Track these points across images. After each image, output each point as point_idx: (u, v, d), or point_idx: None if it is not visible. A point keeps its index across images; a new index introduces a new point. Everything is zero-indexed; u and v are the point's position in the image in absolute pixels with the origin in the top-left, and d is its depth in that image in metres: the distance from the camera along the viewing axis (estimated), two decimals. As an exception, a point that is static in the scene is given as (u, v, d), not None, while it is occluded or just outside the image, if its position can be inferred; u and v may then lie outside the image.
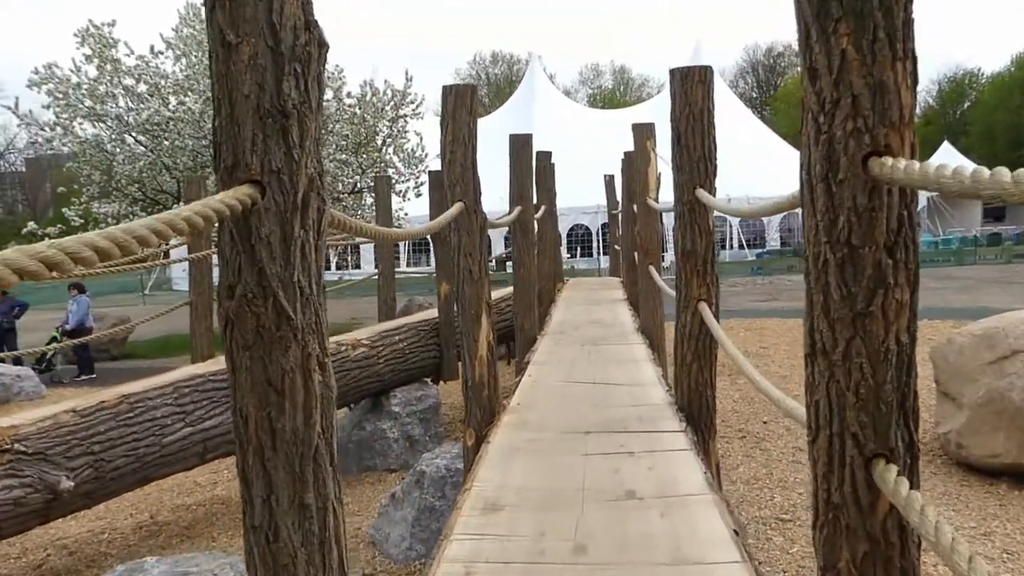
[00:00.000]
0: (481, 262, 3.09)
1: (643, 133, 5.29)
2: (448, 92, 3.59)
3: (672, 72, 3.20)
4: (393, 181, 16.62)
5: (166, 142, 13.70)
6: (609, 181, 11.65)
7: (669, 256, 12.59)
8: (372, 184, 15.83)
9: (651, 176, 4.94)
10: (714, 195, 3.02)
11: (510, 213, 4.97)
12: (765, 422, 6.98)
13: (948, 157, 36.79)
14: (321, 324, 1.31)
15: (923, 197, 32.21)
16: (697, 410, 3.17)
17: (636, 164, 5.01)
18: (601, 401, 3.46)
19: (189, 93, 13.85)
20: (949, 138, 44.02)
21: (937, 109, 63.16)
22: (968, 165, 1.01)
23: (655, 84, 66.76)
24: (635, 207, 7.08)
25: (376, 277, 8.12)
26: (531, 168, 4.97)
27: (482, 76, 75.40)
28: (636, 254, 7.21)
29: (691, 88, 3.04)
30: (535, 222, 6.40)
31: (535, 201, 7.54)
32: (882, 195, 1.24)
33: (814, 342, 1.37)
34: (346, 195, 15.32)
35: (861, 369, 1.30)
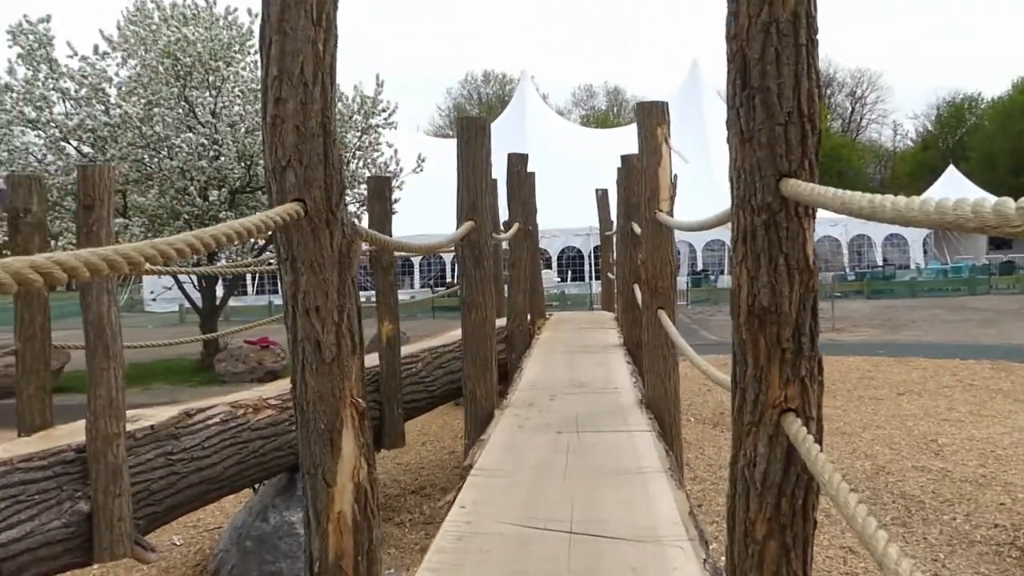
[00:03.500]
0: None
1: (653, 117, 3.44)
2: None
3: None
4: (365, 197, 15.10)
5: (112, 150, 12.13)
6: (602, 196, 9.99)
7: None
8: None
9: (663, 179, 3.36)
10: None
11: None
12: None
13: (953, 182, 35.55)
14: None
15: (930, 222, 30.82)
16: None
17: (641, 164, 3.42)
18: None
19: (131, 97, 12.30)
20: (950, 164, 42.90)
21: (936, 134, 62.27)
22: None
23: (649, 106, 65.55)
24: (635, 226, 5.51)
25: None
26: (485, 170, 3.41)
27: (474, 96, 74.54)
28: (637, 287, 5.60)
29: None
30: (503, 245, 4.80)
31: (506, 218, 5.95)
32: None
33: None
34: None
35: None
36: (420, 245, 2.68)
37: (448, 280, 27.48)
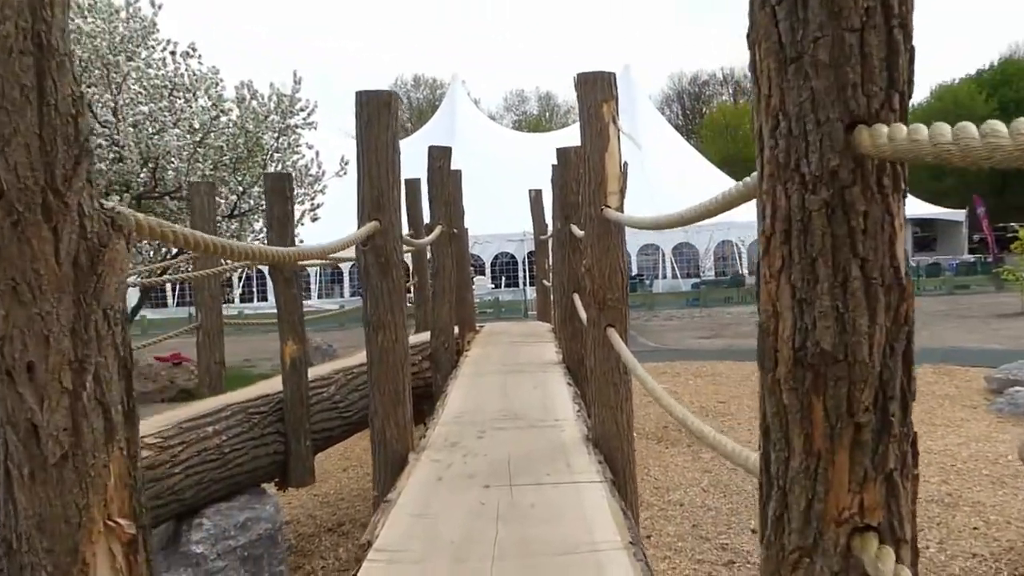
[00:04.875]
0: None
1: (597, 92, 2.79)
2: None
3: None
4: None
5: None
6: (535, 197, 9.33)
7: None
8: (262, 203, 13.44)
9: (611, 168, 2.74)
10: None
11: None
12: None
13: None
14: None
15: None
16: None
17: (584, 152, 2.77)
18: None
19: None
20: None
21: (858, 139, 63.96)
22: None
23: (581, 110, 65.74)
24: (574, 228, 4.90)
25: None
26: (392, 158, 2.72)
27: (404, 100, 73.65)
28: (577, 297, 4.98)
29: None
30: (426, 251, 4.13)
31: (428, 221, 5.28)
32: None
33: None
34: (222, 219, 12.75)
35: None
36: (287, 251, 2.00)
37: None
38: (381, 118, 2.82)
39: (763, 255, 0.92)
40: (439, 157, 4.84)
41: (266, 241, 4.65)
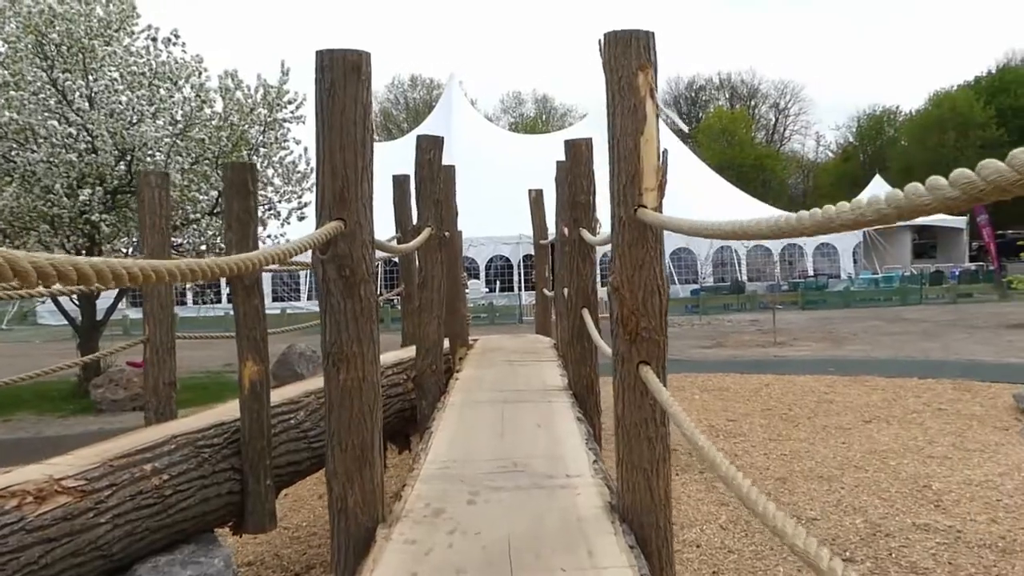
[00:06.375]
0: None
1: (631, 56, 2.09)
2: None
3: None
4: (274, 200, 13.49)
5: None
6: (536, 197, 8.54)
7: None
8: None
9: (648, 155, 2.03)
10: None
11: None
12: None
13: (879, 191, 35.76)
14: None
15: (860, 233, 30.73)
16: None
17: (613, 136, 2.10)
18: None
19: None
20: (873, 174, 43.61)
21: (857, 146, 63.53)
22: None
23: (577, 113, 65.25)
24: (584, 233, 4.17)
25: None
26: (363, 137, 2.01)
27: (400, 100, 72.98)
28: (587, 313, 4.28)
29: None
30: (414, 257, 3.44)
31: (416, 222, 4.59)
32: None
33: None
34: (202, 216, 12.05)
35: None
36: (211, 263, 1.32)
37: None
38: (348, 86, 2.12)
39: None
40: (428, 148, 4.08)
41: (227, 242, 3.94)
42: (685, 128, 26.43)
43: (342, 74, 2.13)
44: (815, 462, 6.90)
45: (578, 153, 4.14)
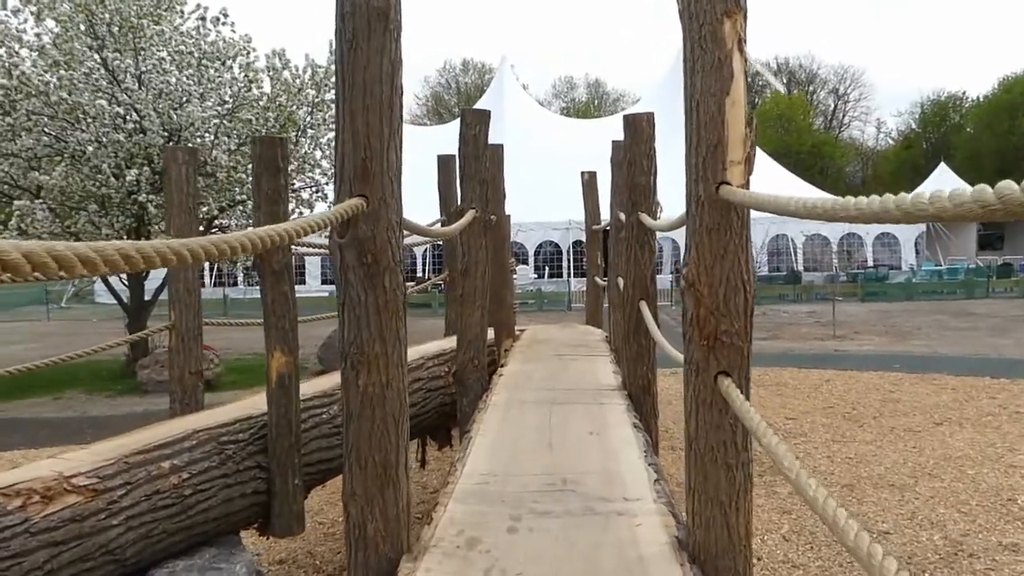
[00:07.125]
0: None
1: (715, 1, 1.65)
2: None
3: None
4: (321, 183, 13.29)
5: (9, 119, 10.26)
6: (589, 180, 8.09)
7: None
8: (294, 182, 12.57)
9: (733, 123, 1.64)
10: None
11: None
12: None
13: (943, 180, 34.48)
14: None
15: (921, 224, 29.56)
16: None
17: (691, 98, 1.72)
18: None
19: (42, 58, 10.45)
20: (936, 162, 41.92)
21: (920, 133, 61.39)
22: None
23: (630, 98, 64.25)
24: (643, 217, 3.78)
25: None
26: (390, 98, 1.69)
27: (452, 84, 72.73)
28: (644, 305, 3.89)
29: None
30: (456, 241, 3.12)
31: (460, 203, 4.25)
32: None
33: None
34: (248, 198, 11.88)
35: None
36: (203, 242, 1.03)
37: (419, 276, 25.57)
38: (373, 37, 1.77)
39: None
40: (474, 123, 3.71)
41: (256, 223, 3.65)
42: (783, 90, 25.47)
43: (365, 23, 1.79)
44: (884, 468, 6.42)
45: (639, 129, 3.75)
